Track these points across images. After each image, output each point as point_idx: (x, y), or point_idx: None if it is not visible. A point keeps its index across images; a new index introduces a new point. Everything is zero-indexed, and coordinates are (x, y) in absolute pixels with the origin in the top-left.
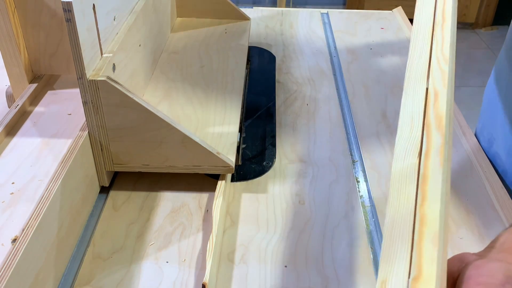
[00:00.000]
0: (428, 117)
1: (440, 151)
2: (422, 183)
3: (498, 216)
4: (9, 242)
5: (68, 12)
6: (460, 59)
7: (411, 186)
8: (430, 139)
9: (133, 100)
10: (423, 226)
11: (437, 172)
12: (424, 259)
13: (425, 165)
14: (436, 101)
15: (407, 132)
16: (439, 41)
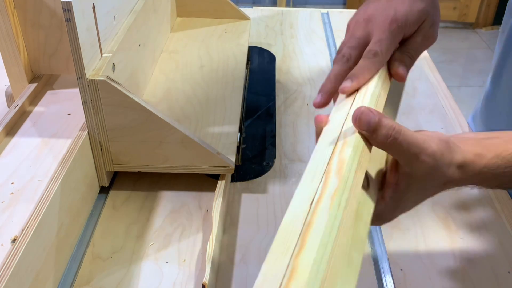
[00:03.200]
0: (331, 165)
1: (333, 195)
2: (304, 231)
3: (498, 216)
4: (9, 242)
5: (68, 12)
6: (461, 59)
7: (295, 236)
8: (326, 185)
9: (133, 100)
10: (291, 280)
11: (322, 219)
12: None
13: (314, 211)
14: (343, 148)
15: (307, 182)
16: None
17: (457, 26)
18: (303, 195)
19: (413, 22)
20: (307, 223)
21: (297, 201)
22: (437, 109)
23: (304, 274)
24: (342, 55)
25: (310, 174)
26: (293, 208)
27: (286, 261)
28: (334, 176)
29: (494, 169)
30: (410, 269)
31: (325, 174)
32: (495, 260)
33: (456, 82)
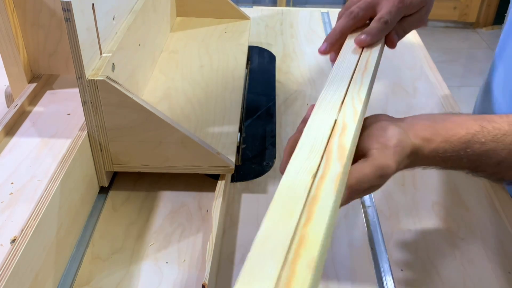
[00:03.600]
0: (331, 145)
1: (337, 178)
2: (310, 203)
3: (498, 216)
4: (8, 243)
5: (68, 11)
6: (461, 58)
7: (298, 203)
8: (328, 165)
9: (132, 100)
10: (301, 247)
11: (330, 197)
12: (295, 281)
13: (318, 186)
14: (343, 133)
15: (305, 154)
16: (357, 83)
17: (457, 26)
18: (302, 166)
19: (415, 6)
20: (312, 196)
21: (295, 169)
22: (437, 109)
23: (316, 245)
24: (351, 11)
25: (307, 146)
26: (293, 174)
27: (293, 227)
28: (337, 162)
29: (442, 153)
30: (410, 269)
31: (326, 154)
32: (495, 260)
33: (456, 82)
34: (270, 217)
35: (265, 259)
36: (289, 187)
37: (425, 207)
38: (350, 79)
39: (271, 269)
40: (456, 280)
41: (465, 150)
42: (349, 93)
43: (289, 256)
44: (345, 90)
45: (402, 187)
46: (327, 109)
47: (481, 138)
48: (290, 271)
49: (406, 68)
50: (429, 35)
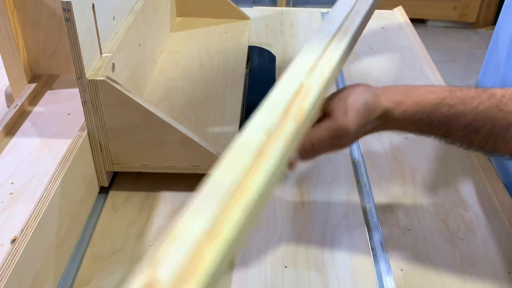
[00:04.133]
0: (292, 108)
1: (288, 137)
2: (259, 157)
3: (498, 216)
4: (8, 243)
5: (68, 11)
6: (461, 58)
7: (247, 156)
8: (283, 125)
9: (132, 100)
10: (241, 193)
11: (277, 153)
12: (228, 220)
13: (269, 143)
14: (305, 97)
15: (266, 115)
16: (332, 52)
17: (457, 26)
18: (260, 125)
19: None
20: (262, 151)
21: (253, 128)
22: None
23: (254, 193)
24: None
25: (270, 107)
26: (249, 132)
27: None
28: (292, 122)
29: (412, 115)
30: (410, 269)
31: (284, 116)
32: (495, 260)
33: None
34: (219, 168)
35: (207, 201)
36: (243, 144)
37: (425, 207)
38: (330, 41)
39: (210, 209)
40: (456, 280)
41: (434, 113)
42: (323, 58)
43: (228, 200)
44: (320, 54)
45: (402, 187)
46: (298, 72)
47: (450, 102)
48: (226, 212)
49: (406, 68)
50: (429, 35)
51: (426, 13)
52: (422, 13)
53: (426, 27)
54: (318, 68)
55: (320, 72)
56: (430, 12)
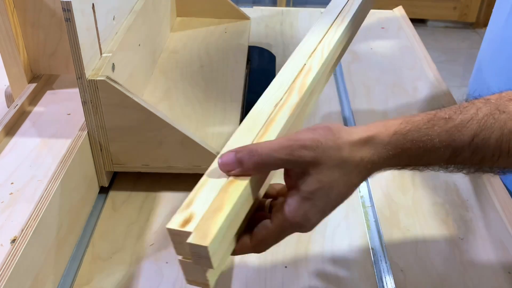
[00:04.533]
0: (295, 83)
1: (292, 106)
2: (268, 123)
3: (498, 216)
4: (8, 243)
5: (68, 11)
6: (461, 58)
7: (259, 123)
8: (289, 97)
9: (132, 100)
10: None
11: (283, 119)
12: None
13: (277, 112)
14: (307, 74)
15: (273, 91)
16: (331, 34)
17: (457, 26)
18: (269, 99)
19: None
20: (271, 118)
21: (263, 101)
22: (437, 109)
23: None
24: None
25: (277, 84)
26: (260, 105)
27: (251, 139)
28: (296, 94)
29: (406, 135)
30: (410, 269)
31: (289, 90)
32: (495, 260)
33: (456, 82)
34: (235, 135)
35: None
36: (256, 114)
37: (425, 207)
38: (329, 26)
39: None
40: (456, 280)
41: (433, 129)
42: (323, 40)
43: None
44: (320, 38)
45: (402, 187)
46: (301, 55)
47: (444, 115)
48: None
49: (406, 68)
50: (429, 35)
51: (426, 13)
52: (422, 13)
53: (426, 27)
54: (319, 50)
55: (320, 53)
56: (430, 12)
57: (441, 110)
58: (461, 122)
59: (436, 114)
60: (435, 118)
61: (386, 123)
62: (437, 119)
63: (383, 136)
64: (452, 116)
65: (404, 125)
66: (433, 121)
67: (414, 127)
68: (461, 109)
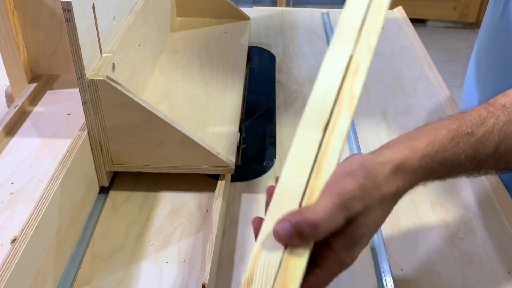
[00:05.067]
0: (343, 92)
1: (343, 133)
2: (320, 157)
3: (498, 216)
4: (9, 243)
5: (68, 11)
6: (461, 58)
7: (310, 157)
8: (338, 117)
9: (133, 100)
10: (311, 199)
11: (336, 153)
12: (291, 272)
13: (327, 142)
14: (355, 76)
15: (320, 99)
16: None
17: (457, 26)
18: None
19: None
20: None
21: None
22: (437, 109)
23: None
24: None
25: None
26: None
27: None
28: (346, 113)
29: (434, 157)
30: (410, 269)
31: (338, 102)
32: (495, 260)
33: (456, 82)
34: (286, 170)
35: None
36: (303, 142)
37: (425, 207)
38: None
39: None
40: (456, 280)
41: (458, 146)
42: (365, 24)
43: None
44: (364, 12)
45: None
46: (344, 39)
47: (466, 129)
48: None
49: (406, 68)
50: (429, 35)
51: (426, 13)
52: (422, 13)
53: (426, 27)
54: (365, 34)
55: (366, 40)
56: (430, 12)
57: (461, 123)
58: (483, 135)
59: (458, 129)
60: (458, 134)
61: (412, 146)
62: (460, 136)
63: (412, 161)
64: (474, 130)
65: (430, 146)
66: (457, 138)
67: (440, 147)
68: (481, 120)
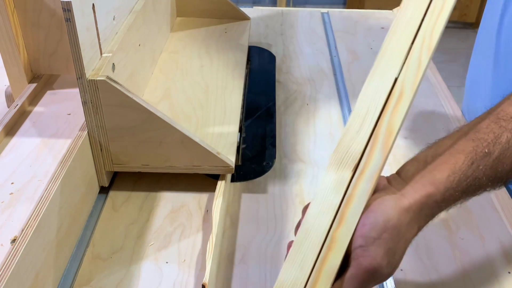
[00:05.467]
0: (381, 125)
1: (374, 176)
2: (345, 204)
3: (498, 216)
4: (9, 243)
5: (68, 11)
6: (461, 59)
7: (335, 200)
8: (371, 156)
9: (133, 100)
10: (330, 252)
11: (363, 197)
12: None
13: (355, 184)
14: (397, 106)
15: (353, 132)
16: (431, 23)
17: (457, 26)
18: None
19: None
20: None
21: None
22: (437, 109)
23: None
24: None
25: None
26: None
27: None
28: (380, 152)
29: (457, 187)
30: (410, 269)
31: (374, 136)
32: (495, 260)
33: (456, 82)
34: (312, 210)
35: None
36: (331, 182)
37: None
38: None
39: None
40: (456, 280)
41: (478, 170)
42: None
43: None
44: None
45: None
46: (391, 56)
47: (483, 149)
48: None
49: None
50: None
51: None
52: None
53: None
54: (415, 52)
55: (416, 59)
56: None
57: (477, 144)
58: (501, 153)
59: (475, 151)
60: (476, 157)
61: (433, 179)
62: (479, 158)
63: (436, 196)
64: (491, 150)
65: (452, 177)
66: (476, 162)
67: (462, 176)
68: (496, 137)
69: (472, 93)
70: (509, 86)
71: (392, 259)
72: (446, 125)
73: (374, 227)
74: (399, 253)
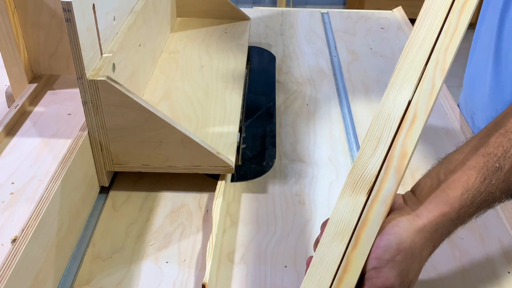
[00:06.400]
0: (394, 148)
1: (389, 199)
2: (360, 226)
3: (498, 216)
4: (9, 242)
5: (68, 12)
6: (460, 58)
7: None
8: (385, 180)
9: (133, 100)
10: (345, 274)
11: (377, 220)
12: None
13: (370, 207)
14: (410, 129)
15: (370, 150)
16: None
17: None
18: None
19: None
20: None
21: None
22: (437, 109)
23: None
24: None
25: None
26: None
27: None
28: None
29: (472, 203)
30: None
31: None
32: (495, 260)
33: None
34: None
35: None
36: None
37: None
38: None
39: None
40: (456, 280)
41: (491, 184)
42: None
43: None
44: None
45: (402, 187)
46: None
47: (494, 164)
48: None
49: None
50: None
51: None
52: None
53: None
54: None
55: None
56: None
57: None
58: (511, 167)
59: (486, 167)
60: (488, 172)
61: (447, 198)
62: (491, 174)
63: (451, 215)
64: (501, 164)
65: (465, 194)
66: (489, 178)
67: (476, 192)
68: (505, 151)
69: (470, 88)
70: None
71: (406, 279)
72: (446, 125)
73: (388, 249)
74: (413, 273)
